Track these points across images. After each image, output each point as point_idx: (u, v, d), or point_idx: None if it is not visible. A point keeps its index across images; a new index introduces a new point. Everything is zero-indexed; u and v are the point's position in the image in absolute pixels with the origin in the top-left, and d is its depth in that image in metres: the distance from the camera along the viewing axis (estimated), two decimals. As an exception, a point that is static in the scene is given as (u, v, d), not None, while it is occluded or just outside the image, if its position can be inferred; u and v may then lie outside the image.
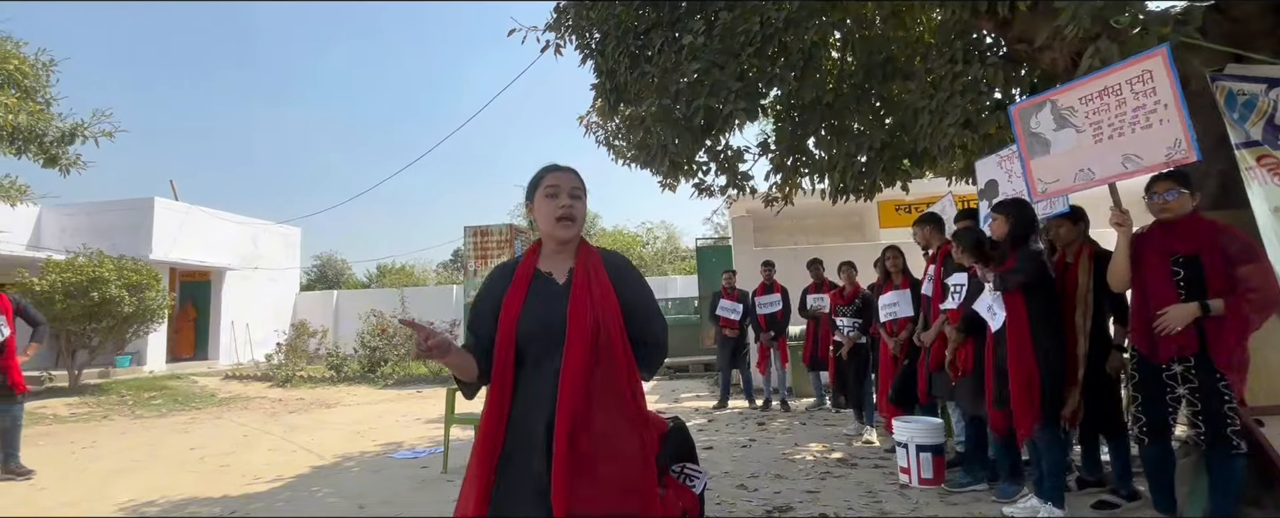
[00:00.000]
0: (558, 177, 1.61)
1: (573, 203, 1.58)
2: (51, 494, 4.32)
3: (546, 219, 1.59)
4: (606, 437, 1.44)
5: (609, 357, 1.48)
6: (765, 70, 4.34)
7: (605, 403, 1.45)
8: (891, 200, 8.82)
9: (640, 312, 1.57)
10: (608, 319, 1.50)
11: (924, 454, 3.69)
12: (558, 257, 1.61)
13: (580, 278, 1.55)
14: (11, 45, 7.08)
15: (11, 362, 4.72)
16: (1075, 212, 3.31)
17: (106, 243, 11.06)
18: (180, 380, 10.92)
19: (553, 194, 1.58)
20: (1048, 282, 3.06)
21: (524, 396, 1.49)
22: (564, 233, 1.58)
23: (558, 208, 1.57)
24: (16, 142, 6.99)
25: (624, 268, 1.63)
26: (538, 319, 1.51)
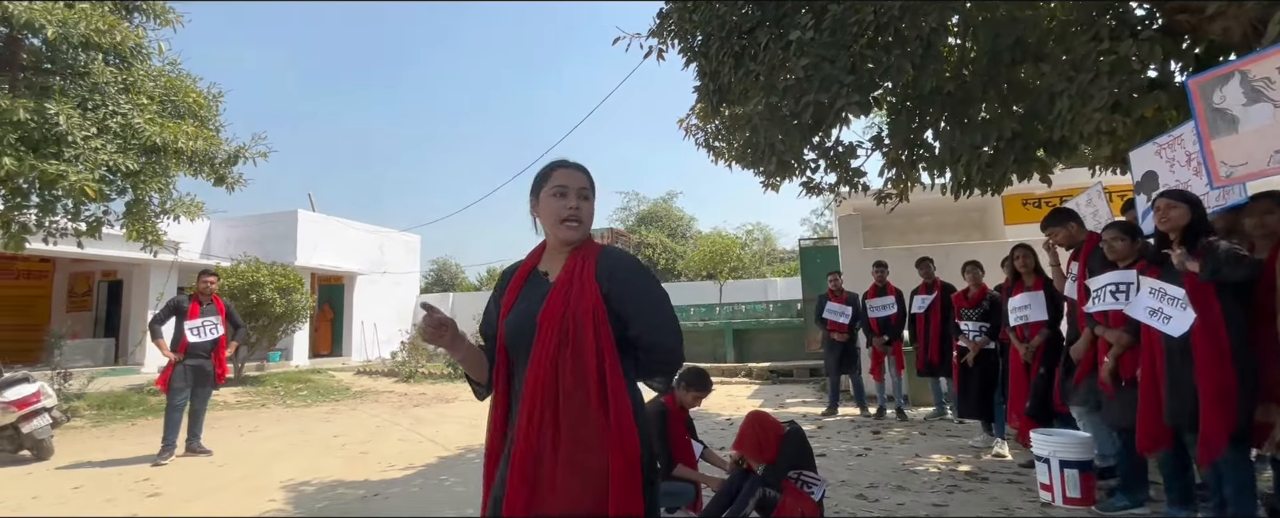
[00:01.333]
0: (567, 174, 1.54)
1: (581, 204, 1.53)
2: (228, 470, 4.94)
3: (551, 219, 1.53)
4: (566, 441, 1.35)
5: (577, 356, 1.38)
6: (880, 61, 4.14)
7: (572, 408, 1.36)
8: (1019, 194, 8.13)
9: (633, 313, 1.45)
10: (578, 317, 1.40)
11: (1069, 471, 3.36)
12: (559, 256, 1.55)
13: (563, 276, 1.48)
14: (190, 81, 8.20)
15: (221, 355, 5.52)
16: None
17: (260, 251, 12.51)
18: (320, 375, 12.11)
19: (561, 193, 1.52)
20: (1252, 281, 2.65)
21: (515, 394, 1.46)
22: (569, 234, 1.51)
23: (565, 209, 1.51)
24: (194, 164, 8.07)
25: (618, 267, 1.49)
26: (518, 317, 1.48)
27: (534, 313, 1.44)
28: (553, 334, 1.40)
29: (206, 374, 5.44)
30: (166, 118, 7.55)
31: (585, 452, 1.36)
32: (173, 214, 7.97)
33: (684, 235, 25.62)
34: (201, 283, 5.60)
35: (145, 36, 7.63)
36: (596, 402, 1.38)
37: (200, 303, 5.53)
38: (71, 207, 7.00)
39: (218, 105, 8.46)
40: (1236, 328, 2.57)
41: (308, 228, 14.88)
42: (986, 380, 4.90)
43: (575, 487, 1.34)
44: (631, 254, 1.62)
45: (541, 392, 1.38)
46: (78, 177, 6.35)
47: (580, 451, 1.36)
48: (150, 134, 7.08)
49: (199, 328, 5.40)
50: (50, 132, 6.32)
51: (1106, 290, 3.21)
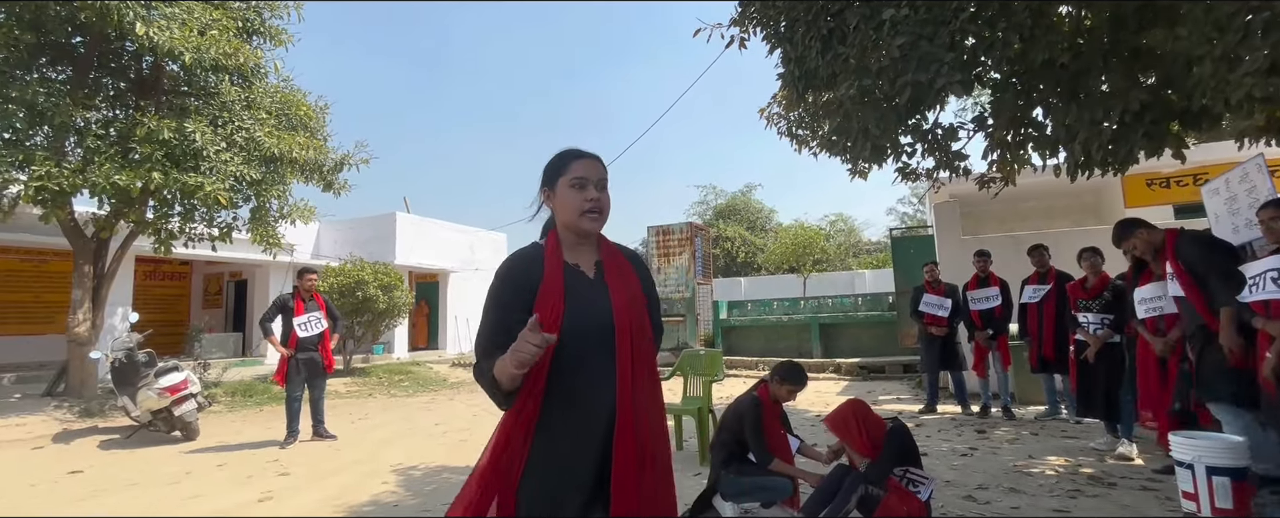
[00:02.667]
0: (585, 165, 1.51)
1: (600, 195, 1.51)
2: (343, 455, 5.34)
3: (571, 211, 1.49)
4: (653, 435, 1.44)
5: (645, 352, 1.46)
6: (983, 36, 3.87)
7: (647, 400, 1.44)
8: (1142, 174, 7.39)
9: (652, 303, 1.58)
10: (642, 316, 1.49)
11: (1219, 478, 3.00)
12: (580, 248, 1.54)
13: (612, 272, 1.50)
14: (301, 95, 8.91)
15: (327, 347, 5.99)
16: None
17: (364, 251, 13.42)
18: (419, 367, 12.85)
19: (580, 185, 1.49)
20: None
21: (566, 393, 1.39)
22: (593, 226, 1.50)
23: (585, 200, 1.49)
24: (306, 172, 8.78)
25: (640, 263, 1.61)
26: (583, 315, 1.42)
27: (605, 314, 1.43)
28: (631, 331, 1.43)
29: (317, 365, 5.89)
30: (282, 130, 8.25)
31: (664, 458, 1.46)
32: (289, 219, 8.70)
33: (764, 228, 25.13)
34: (305, 281, 6.02)
35: (263, 57, 8.36)
36: (659, 386, 1.51)
37: (303, 300, 5.96)
38: (207, 214, 7.79)
39: (325, 117, 9.15)
40: None
41: (405, 229, 15.81)
42: (1111, 377, 4.49)
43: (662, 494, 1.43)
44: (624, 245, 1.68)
45: (636, 396, 1.40)
46: (212, 187, 7.06)
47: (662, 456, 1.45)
48: (269, 146, 7.76)
49: (306, 323, 5.86)
50: (189, 147, 7.05)
51: (1267, 277, 2.85)
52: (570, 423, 1.39)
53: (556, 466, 1.38)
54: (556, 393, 1.39)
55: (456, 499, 1.46)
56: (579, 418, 1.39)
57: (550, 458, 1.38)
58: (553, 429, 1.39)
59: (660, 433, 1.47)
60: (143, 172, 6.71)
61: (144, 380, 6.05)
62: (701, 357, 5.23)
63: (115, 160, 6.82)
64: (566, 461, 1.38)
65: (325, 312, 6.05)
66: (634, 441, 1.38)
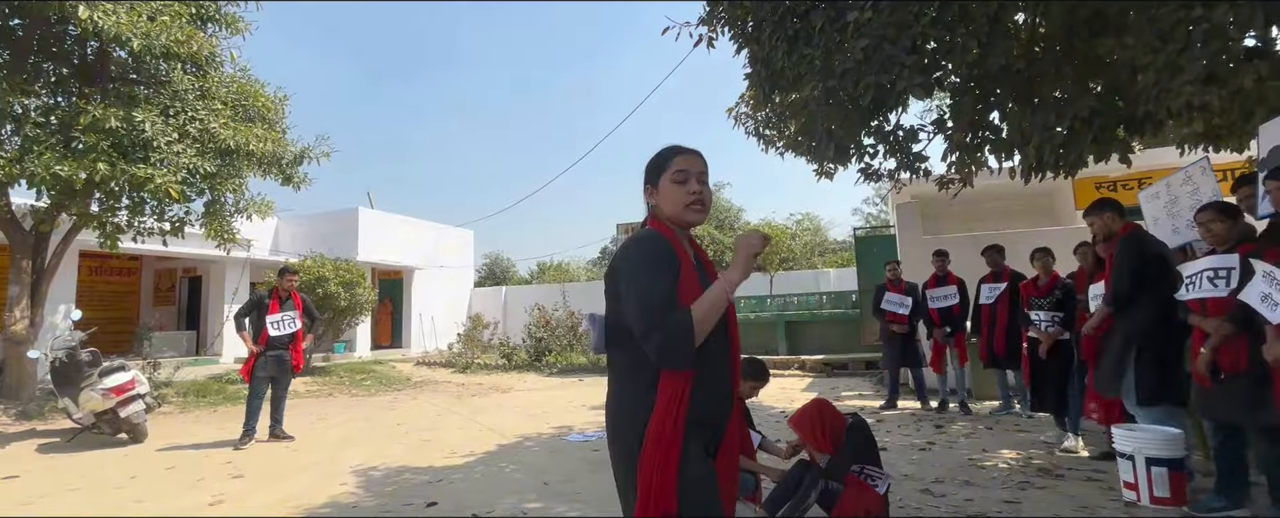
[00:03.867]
0: (687, 160, 1.57)
1: (702, 188, 1.57)
2: (301, 456, 5.20)
3: (676, 204, 1.55)
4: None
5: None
6: (943, 40, 3.97)
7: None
8: (1091, 177, 7.68)
9: None
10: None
11: (1157, 469, 3.16)
12: (682, 239, 1.60)
13: (707, 262, 1.64)
14: (259, 86, 8.62)
15: (298, 346, 5.87)
16: None
17: (325, 247, 13.08)
18: (382, 366, 12.60)
19: (682, 179, 1.55)
20: None
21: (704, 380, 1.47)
22: (698, 217, 1.56)
23: (689, 194, 1.55)
24: (263, 165, 8.49)
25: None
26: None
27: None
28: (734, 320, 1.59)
29: (286, 364, 5.76)
30: (239, 122, 7.96)
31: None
32: (245, 213, 8.41)
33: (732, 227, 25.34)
34: (285, 281, 5.91)
35: (218, 45, 8.06)
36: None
37: (280, 298, 5.83)
38: (157, 208, 7.48)
39: (284, 108, 8.86)
40: None
41: (368, 224, 15.46)
42: (1061, 374, 4.66)
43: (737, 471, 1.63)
44: None
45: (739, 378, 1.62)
46: (163, 179, 6.78)
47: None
48: (225, 137, 7.48)
49: (279, 322, 5.72)
50: (138, 138, 6.75)
51: (1203, 276, 3.00)
52: (708, 405, 1.48)
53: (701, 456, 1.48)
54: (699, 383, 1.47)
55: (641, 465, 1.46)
56: (714, 408, 1.50)
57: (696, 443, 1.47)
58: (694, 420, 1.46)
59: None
60: (87, 162, 6.40)
61: (87, 381, 5.78)
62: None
63: (56, 150, 6.49)
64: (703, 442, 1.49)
65: (301, 311, 5.92)
66: (739, 423, 1.66)
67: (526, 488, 4.01)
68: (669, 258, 1.49)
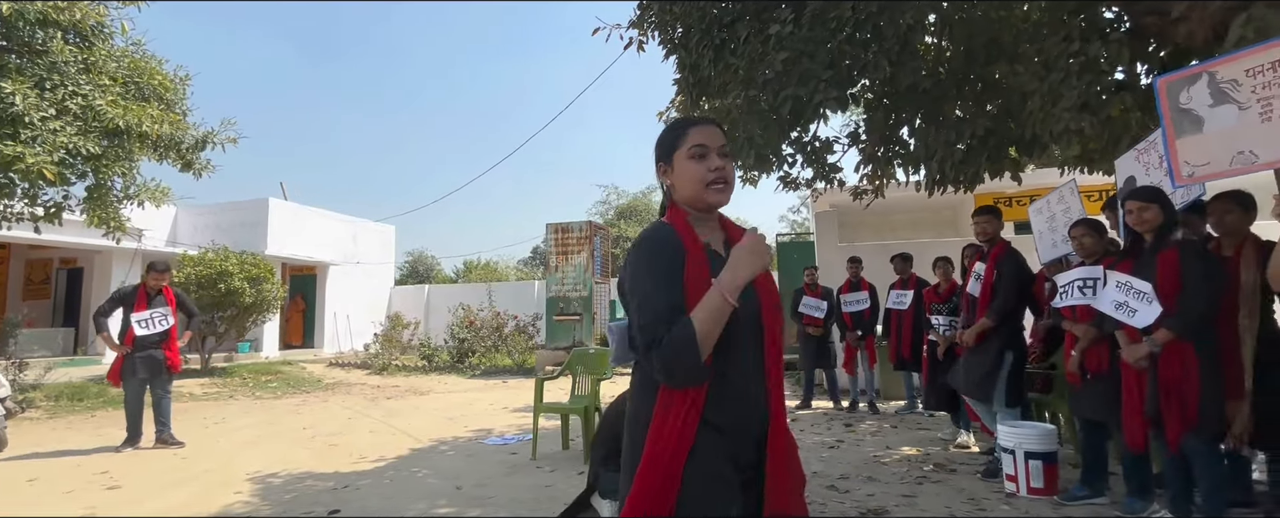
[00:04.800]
0: (703, 132, 1.36)
1: (724, 163, 1.36)
2: (192, 463, 4.82)
3: (694, 183, 1.35)
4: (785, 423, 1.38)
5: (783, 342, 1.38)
6: (858, 57, 4.18)
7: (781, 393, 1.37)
8: (990, 193, 8.27)
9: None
10: (776, 305, 1.37)
11: (1034, 462, 3.44)
12: (705, 225, 1.40)
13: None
14: (156, 63, 7.93)
15: (173, 345, 5.39)
16: (1243, 198, 2.96)
17: (230, 239, 12.22)
18: (291, 366, 11.89)
19: (700, 154, 1.34)
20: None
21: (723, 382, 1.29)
22: (719, 198, 1.36)
23: (709, 170, 1.34)
24: (159, 149, 7.82)
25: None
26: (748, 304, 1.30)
27: (751, 298, 1.30)
28: (777, 320, 1.35)
29: (158, 364, 5.31)
30: (130, 100, 7.30)
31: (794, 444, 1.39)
32: (136, 200, 7.72)
33: (655, 227, 25.63)
34: (152, 278, 5.43)
35: (107, 15, 7.36)
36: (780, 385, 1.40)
37: (148, 294, 5.38)
38: (30, 190, 6.74)
39: (185, 88, 8.20)
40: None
41: (279, 217, 14.57)
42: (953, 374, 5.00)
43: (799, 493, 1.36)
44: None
45: (780, 389, 1.35)
46: (35, 159, 6.11)
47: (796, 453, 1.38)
48: (113, 116, 6.84)
49: (147, 320, 5.28)
50: (5, 112, 6.07)
51: (1074, 286, 3.29)
52: (728, 414, 1.28)
53: (717, 457, 1.27)
54: (716, 382, 1.27)
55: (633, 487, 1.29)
56: (738, 409, 1.29)
57: (711, 450, 1.27)
58: (712, 420, 1.27)
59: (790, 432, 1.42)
60: (-60, 136, 5.69)
61: (-68, 383, 5.13)
62: (591, 355, 5.24)
63: (-97, 121, 5.74)
64: (726, 451, 1.28)
65: (174, 306, 5.46)
66: (785, 435, 1.33)
67: (438, 493, 3.89)
68: (671, 257, 1.30)
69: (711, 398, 1.27)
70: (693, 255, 1.31)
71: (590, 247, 12.31)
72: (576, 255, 12.31)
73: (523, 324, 12.76)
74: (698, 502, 1.25)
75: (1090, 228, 3.36)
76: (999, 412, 3.85)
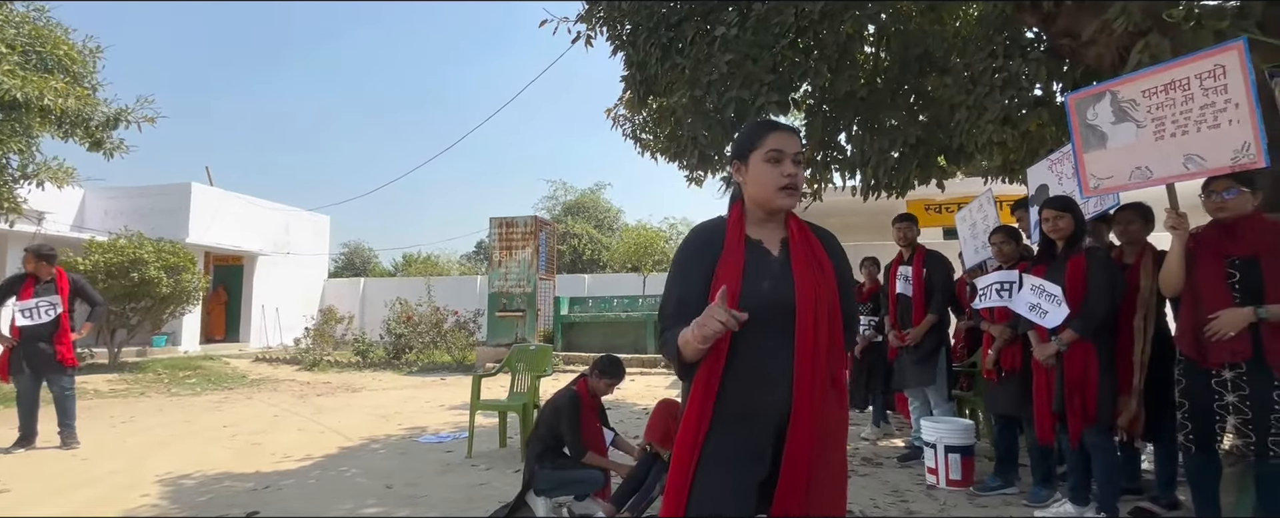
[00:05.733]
0: (782, 138, 1.42)
1: (797, 170, 1.42)
2: (94, 465, 4.48)
3: (766, 187, 1.41)
4: (829, 424, 1.37)
5: (832, 338, 1.37)
6: (798, 63, 4.30)
7: (825, 388, 1.35)
8: (922, 199, 8.68)
9: (845, 287, 1.47)
10: (832, 297, 1.39)
11: (953, 455, 3.63)
12: (767, 225, 1.47)
13: (800, 250, 1.42)
14: (61, 32, 7.32)
15: (64, 338, 4.94)
16: (1144, 210, 3.20)
17: (146, 226, 11.42)
18: (213, 361, 11.23)
19: (776, 159, 1.41)
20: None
21: (740, 374, 1.34)
22: (787, 202, 1.42)
23: (783, 176, 1.40)
24: (64, 125, 7.22)
25: (831, 240, 1.50)
26: (762, 293, 1.36)
27: (787, 292, 1.36)
28: (817, 314, 1.34)
29: (47, 358, 4.88)
30: (30, 70, 6.71)
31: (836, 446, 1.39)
32: (35, 179, 7.12)
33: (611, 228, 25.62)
34: (36, 266, 4.96)
35: (5, -24, 6.75)
36: (841, 375, 1.40)
37: (36, 281, 4.96)
38: (-93, 165, 6.11)
39: (95, 61, 7.62)
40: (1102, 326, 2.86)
41: (202, 203, 13.72)
42: (871, 372, 5.24)
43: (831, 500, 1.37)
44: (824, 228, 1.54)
45: (818, 380, 1.32)
46: (-86, 131, 5.54)
47: (834, 444, 1.38)
48: (9, 87, 6.27)
49: (31, 309, 4.86)
50: (-121, 77, 5.47)
51: (992, 289, 3.48)
52: (743, 411, 1.33)
53: (729, 455, 1.32)
54: (732, 377, 1.33)
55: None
56: (753, 406, 1.33)
57: (723, 447, 1.33)
58: (727, 417, 1.33)
59: (837, 433, 1.40)
60: None
61: None
62: (532, 351, 5.17)
63: None
64: (738, 450, 1.33)
65: (67, 296, 5.01)
66: (809, 438, 1.31)
67: (367, 493, 3.75)
68: (696, 256, 1.42)
69: (728, 387, 1.33)
70: (730, 248, 1.40)
71: (536, 242, 12.16)
72: (521, 251, 12.13)
73: (463, 320, 12.48)
74: (704, 487, 1.32)
75: (1008, 235, 3.57)
76: (937, 404, 4.08)
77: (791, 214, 1.48)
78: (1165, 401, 2.75)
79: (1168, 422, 2.83)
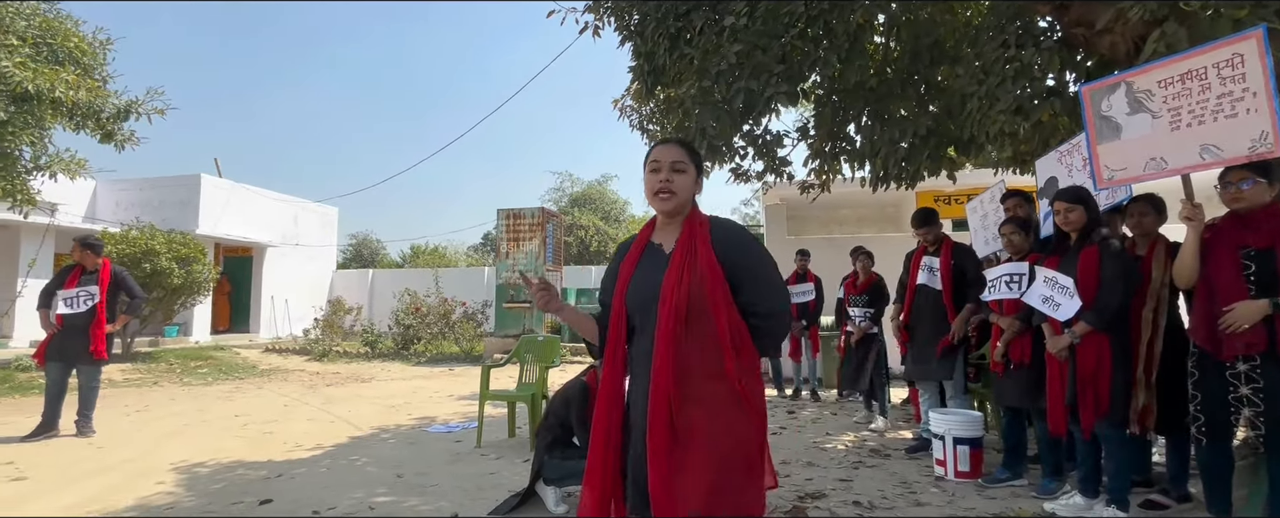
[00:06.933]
0: (660, 151, 1.61)
1: (673, 177, 1.56)
2: (109, 453, 4.54)
3: (648, 193, 1.61)
4: (701, 414, 1.42)
5: (703, 330, 1.44)
6: (808, 53, 4.26)
7: (700, 378, 1.44)
8: (931, 191, 8.61)
9: (746, 281, 1.49)
10: (704, 290, 1.45)
11: (961, 447, 3.62)
12: (668, 228, 1.62)
13: (682, 248, 1.52)
14: (72, 24, 7.35)
15: (99, 330, 5.00)
16: (1157, 202, 3.17)
17: (157, 217, 11.52)
18: (224, 352, 11.34)
19: (655, 169, 1.59)
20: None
21: (632, 368, 1.54)
22: (661, 206, 1.58)
23: (657, 182, 1.57)
24: (75, 117, 7.27)
25: (734, 236, 1.56)
26: (639, 290, 1.54)
27: (656, 286, 1.49)
28: (675, 306, 1.44)
29: (80, 349, 4.96)
30: (42, 63, 6.76)
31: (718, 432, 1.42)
32: (48, 171, 7.17)
33: (618, 219, 25.61)
34: (82, 255, 5.08)
35: (16, -31, 6.78)
36: (727, 377, 1.43)
37: (82, 271, 5.07)
38: (-79, 157, 6.17)
39: (105, 53, 7.66)
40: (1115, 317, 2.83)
41: (212, 194, 13.80)
42: (865, 361, 5.24)
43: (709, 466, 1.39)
44: (738, 224, 1.65)
45: (670, 368, 1.41)
46: (-72, 123, 5.60)
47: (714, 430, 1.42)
48: (20, 79, 6.32)
49: (72, 298, 4.96)
50: (-107, 69, 5.52)
51: (1001, 281, 3.46)
52: (634, 394, 1.51)
53: (633, 433, 1.50)
54: (629, 365, 1.54)
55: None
56: (639, 389, 1.49)
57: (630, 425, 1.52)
58: (630, 399, 1.53)
59: (712, 415, 1.42)
60: None
61: None
62: (540, 342, 5.20)
63: None
64: (637, 429, 1.48)
65: (106, 288, 5.07)
66: (665, 418, 1.40)
67: (377, 482, 3.79)
68: (618, 257, 1.64)
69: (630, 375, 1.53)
70: (631, 252, 1.62)
71: (543, 233, 12.18)
72: (528, 242, 12.15)
73: (471, 311, 12.54)
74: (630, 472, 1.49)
75: (1020, 226, 3.54)
76: (954, 396, 4.08)
77: (692, 217, 1.59)
78: (1178, 393, 2.73)
79: (1180, 414, 2.81)
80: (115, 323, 5.23)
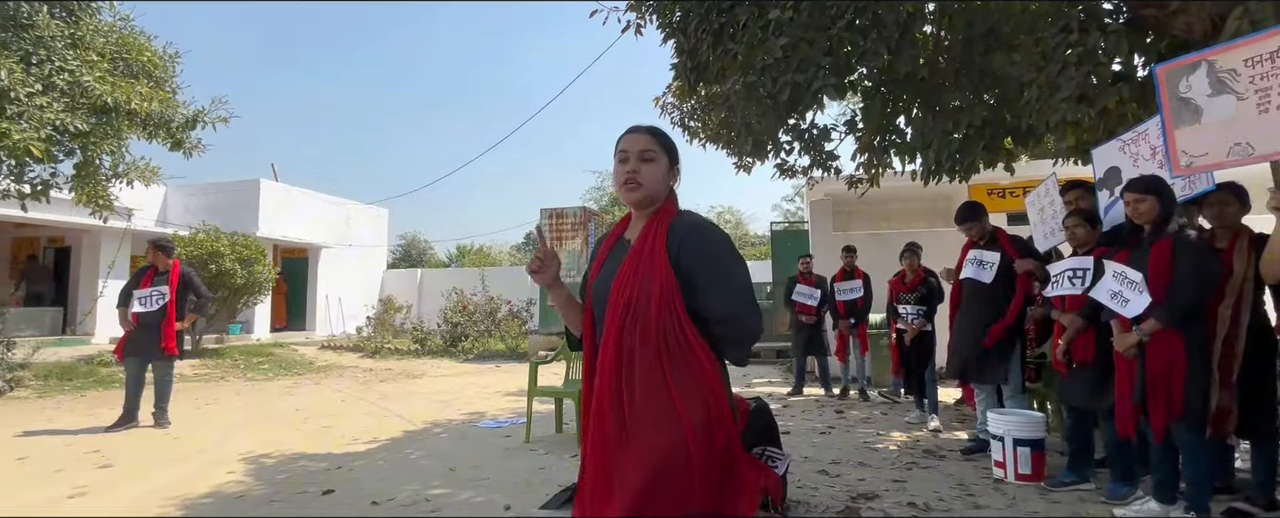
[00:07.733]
0: (628, 139, 1.52)
1: (640, 167, 1.48)
2: (184, 443, 4.82)
3: (616, 184, 1.54)
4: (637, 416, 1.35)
5: (645, 330, 1.36)
6: (856, 44, 4.16)
7: (642, 379, 1.35)
8: (985, 184, 8.32)
9: (700, 284, 1.39)
10: (648, 289, 1.37)
11: (1022, 449, 3.49)
12: (639, 222, 1.54)
13: (638, 244, 1.46)
14: (145, 39, 7.79)
15: (169, 327, 5.32)
16: (1239, 191, 2.98)
17: (221, 220, 12.10)
18: (283, 348, 11.86)
19: (622, 159, 1.51)
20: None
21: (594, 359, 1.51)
22: (628, 196, 1.51)
23: (624, 173, 1.49)
24: (149, 127, 7.70)
25: (690, 233, 1.44)
26: (601, 285, 1.50)
27: (606, 282, 1.49)
28: (622, 302, 1.40)
29: (153, 345, 5.28)
30: (118, 77, 7.18)
31: (650, 423, 1.34)
32: (125, 178, 7.62)
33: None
34: (154, 256, 5.45)
35: (94, -11, 7.22)
36: (661, 371, 1.35)
37: (155, 271, 5.41)
38: (16, 168, 6.64)
39: (174, 66, 8.08)
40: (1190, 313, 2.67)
41: (270, 198, 14.43)
42: (922, 361, 5.09)
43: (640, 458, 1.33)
44: (709, 220, 1.54)
45: (611, 360, 1.40)
46: (21, 135, 6.02)
47: (646, 421, 1.35)
48: (101, 93, 6.73)
49: (146, 297, 5.31)
50: (-10, 87, 5.96)
51: (1064, 276, 3.32)
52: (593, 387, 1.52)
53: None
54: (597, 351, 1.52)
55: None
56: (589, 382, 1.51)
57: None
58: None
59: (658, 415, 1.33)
60: (-76, 111, 5.59)
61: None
62: (585, 340, 5.25)
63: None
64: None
65: (175, 287, 5.39)
66: (609, 413, 1.37)
67: (432, 475, 3.90)
68: (596, 251, 1.61)
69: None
70: (604, 245, 1.60)
71: (585, 232, 12.27)
72: (571, 241, 12.27)
73: (516, 309, 12.75)
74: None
75: (1085, 219, 3.39)
76: (1011, 396, 3.94)
77: (661, 211, 1.49)
78: (1264, 394, 2.56)
79: (1267, 416, 2.64)
80: (184, 321, 5.54)
